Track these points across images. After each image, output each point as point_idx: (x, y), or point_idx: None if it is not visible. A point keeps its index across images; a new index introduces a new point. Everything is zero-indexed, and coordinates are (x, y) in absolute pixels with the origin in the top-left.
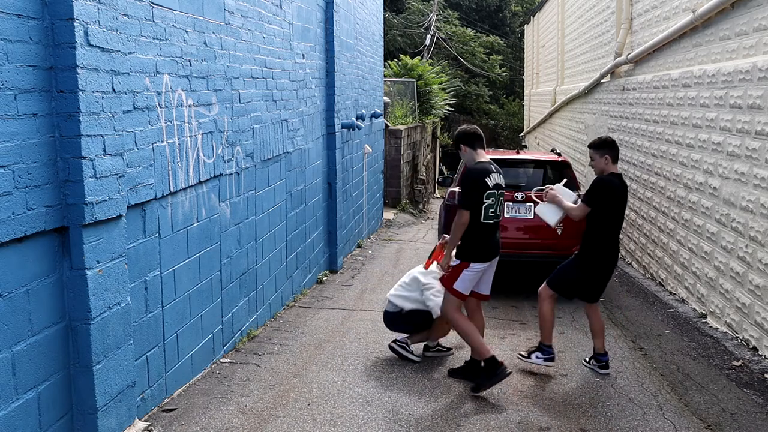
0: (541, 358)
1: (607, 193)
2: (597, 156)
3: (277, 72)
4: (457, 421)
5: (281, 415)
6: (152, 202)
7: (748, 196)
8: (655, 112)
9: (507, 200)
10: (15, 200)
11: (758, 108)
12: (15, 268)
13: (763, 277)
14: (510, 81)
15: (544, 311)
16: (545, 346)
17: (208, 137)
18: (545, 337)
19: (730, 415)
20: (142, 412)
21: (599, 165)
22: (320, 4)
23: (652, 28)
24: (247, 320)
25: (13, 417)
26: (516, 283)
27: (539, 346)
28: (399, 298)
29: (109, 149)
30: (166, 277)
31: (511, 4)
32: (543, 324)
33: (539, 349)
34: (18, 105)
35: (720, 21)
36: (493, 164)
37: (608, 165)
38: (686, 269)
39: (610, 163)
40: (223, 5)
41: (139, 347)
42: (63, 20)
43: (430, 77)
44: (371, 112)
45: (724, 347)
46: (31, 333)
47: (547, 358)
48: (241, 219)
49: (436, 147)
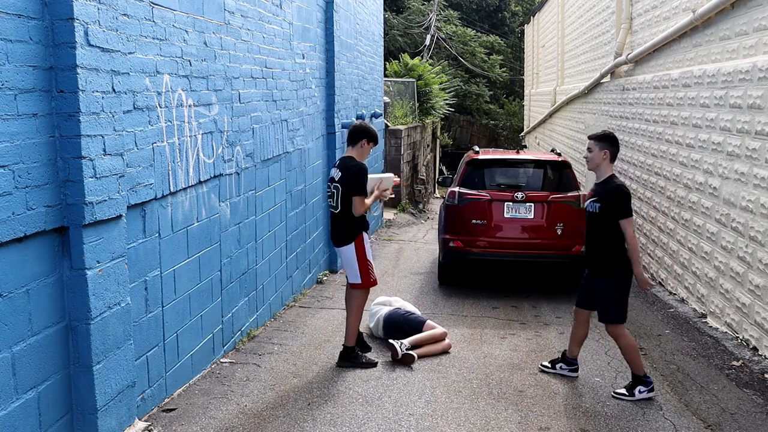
0: (644, 391)
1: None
2: (596, 149)
3: (277, 72)
4: (457, 421)
5: (281, 415)
6: (152, 202)
7: (748, 196)
8: (655, 112)
9: (507, 200)
10: (15, 200)
11: (758, 108)
12: (15, 268)
13: (763, 277)
14: (510, 81)
15: (626, 344)
16: (644, 377)
17: (208, 137)
18: (637, 368)
19: (730, 415)
20: (142, 412)
21: (596, 159)
22: (320, 4)
23: (652, 28)
24: (247, 320)
25: (13, 417)
26: (516, 283)
27: (641, 378)
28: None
29: (109, 149)
30: (166, 277)
31: (511, 4)
32: (632, 357)
33: (641, 382)
34: (18, 105)
35: (720, 21)
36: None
37: (606, 161)
38: (686, 269)
39: (608, 160)
40: (223, 5)
41: (139, 347)
42: (63, 20)
43: (430, 77)
44: (371, 112)
45: (724, 347)
46: (31, 333)
47: (649, 389)
48: (241, 219)
49: (436, 147)
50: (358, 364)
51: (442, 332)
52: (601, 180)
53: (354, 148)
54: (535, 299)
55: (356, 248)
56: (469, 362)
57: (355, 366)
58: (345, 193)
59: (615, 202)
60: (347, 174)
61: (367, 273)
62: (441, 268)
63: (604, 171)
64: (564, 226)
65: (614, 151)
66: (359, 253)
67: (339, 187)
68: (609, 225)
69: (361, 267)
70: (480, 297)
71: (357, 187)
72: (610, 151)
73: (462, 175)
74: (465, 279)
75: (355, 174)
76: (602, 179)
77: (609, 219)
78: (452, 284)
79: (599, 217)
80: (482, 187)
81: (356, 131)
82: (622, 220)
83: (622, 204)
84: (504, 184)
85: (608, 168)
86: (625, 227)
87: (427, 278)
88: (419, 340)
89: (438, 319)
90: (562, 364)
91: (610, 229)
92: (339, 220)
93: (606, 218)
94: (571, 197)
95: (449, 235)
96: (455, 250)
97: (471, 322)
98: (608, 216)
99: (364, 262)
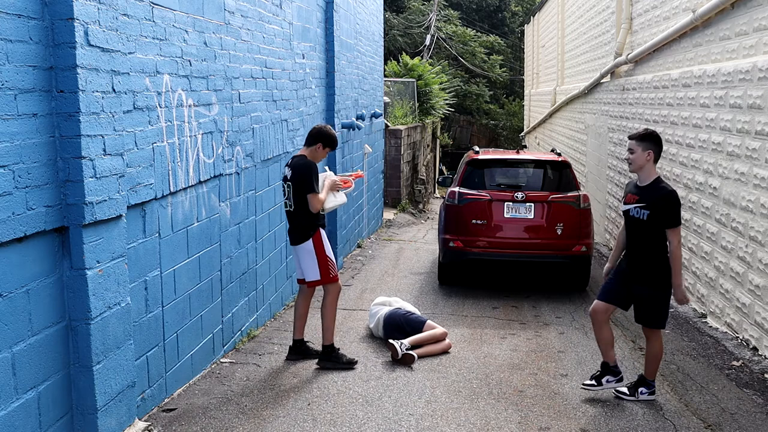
0: (645, 393)
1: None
2: (639, 149)
3: (277, 72)
4: (457, 421)
5: (281, 415)
6: (152, 202)
7: (748, 196)
8: (655, 112)
9: (507, 200)
10: (15, 200)
11: (758, 108)
12: (15, 268)
13: (763, 277)
14: (510, 81)
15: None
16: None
17: (208, 137)
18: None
19: (730, 415)
20: (142, 412)
21: (639, 160)
22: (320, 4)
23: (652, 28)
24: (247, 320)
25: (13, 417)
26: (516, 283)
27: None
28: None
29: (109, 149)
30: (166, 277)
31: (511, 4)
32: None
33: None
34: (18, 105)
35: (720, 21)
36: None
37: (650, 163)
38: (686, 269)
39: (652, 161)
40: (223, 5)
41: (139, 347)
42: (63, 20)
43: (430, 77)
44: (371, 112)
45: (724, 347)
46: (31, 333)
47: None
48: (241, 219)
49: (436, 147)
50: (340, 364)
51: (442, 332)
52: (646, 183)
53: (308, 148)
54: (535, 299)
55: (314, 244)
56: (469, 362)
57: (336, 366)
58: (296, 192)
59: (667, 208)
60: (296, 173)
61: (327, 268)
62: (441, 268)
63: (649, 173)
64: (564, 226)
65: (658, 150)
66: (318, 249)
67: (291, 185)
68: (658, 233)
69: (321, 262)
70: (480, 297)
71: (307, 184)
72: (654, 150)
73: (462, 175)
74: (465, 279)
75: (303, 173)
76: (647, 182)
77: (658, 227)
78: (452, 284)
79: (647, 224)
80: (482, 187)
81: (314, 133)
82: (672, 228)
83: (674, 211)
84: (504, 184)
85: (652, 170)
86: (673, 236)
87: (427, 278)
88: (419, 340)
89: (438, 319)
90: (608, 376)
91: (658, 238)
92: (294, 218)
93: (655, 226)
94: (571, 197)
95: (449, 235)
96: (455, 250)
97: (471, 322)
98: (658, 224)
99: (323, 258)
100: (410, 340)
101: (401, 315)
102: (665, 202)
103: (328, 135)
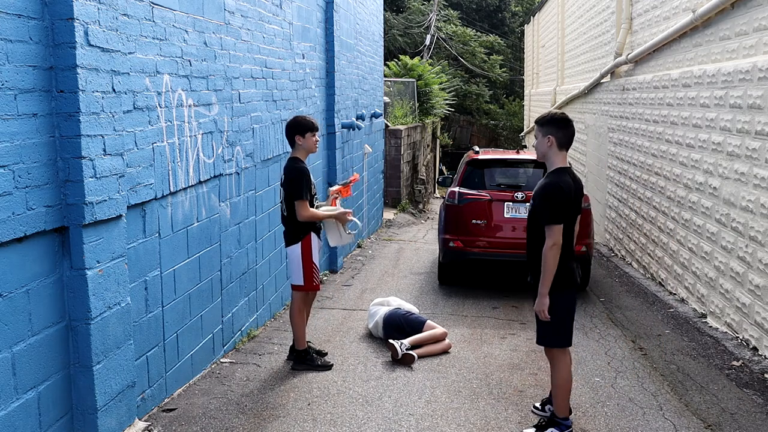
0: None
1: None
2: (539, 135)
3: (277, 72)
4: (457, 421)
5: (281, 415)
6: (152, 202)
7: (748, 196)
8: (655, 112)
9: (507, 200)
10: (15, 200)
11: (758, 108)
12: (15, 268)
13: (763, 277)
14: (510, 81)
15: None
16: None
17: (208, 137)
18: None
19: (730, 415)
20: (142, 412)
21: (541, 147)
22: (320, 4)
23: (652, 28)
24: (247, 320)
25: (13, 417)
26: (516, 283)
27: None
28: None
29: (109, 149)
30: (166, 277)
31: (511, 4)
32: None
33: (556, 425)
34: (18, 105)
35: (720, 21)
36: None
37: (552, 150)
38: (686, 269)
39: (554, 148)
40: (223, 5)
41: (139, 347)
42: (63, 20)
43: (430, 77)
44: (371, 112)
45: (724, 347)
46: (31, 333)
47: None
48: (241, 219)
49: (436, 147)
50: (314, 367)
51: (442, 332)
52: (547, 173)
53: (295, 149)
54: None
55: (302, 249)
56: (469, 362)
57: (310, 368)
58: (287, 197)
59: (540, 201)
60: (286, 178)
61: (311, 276)
62: (441, 268)
63: (552, 162)
64: None
65: (562, 136)
66: (305, 254)
67: (282, 190)
68: (539, 231)
69: (306, 269)
70: (480, 297)
71: (293, 191)
72: (555, 136)
73: (462, 175)
74: (465, 279)
75: (291, 177)
76: (548, 171)
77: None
78: (452, 284)
79: (529, 220)
80: (482, 187)
81: (286, 131)
82: (546, 226)
83: (545, 205)
84: (504, 184)
85: (556, 158)
86: (547, 235)
87: (427, 278)
88: (419, 340)
89: (438, 319)
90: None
91: (540, 236)
92: (286, 221)
93: (534, 222)
94: None
95: (449, 235)
96: (455, 250)
97: (471, 322)
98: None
99: (309, 265)
100: (410, 340)
101: (401, 315)
102: (538, 194)
103: (297, 123)
